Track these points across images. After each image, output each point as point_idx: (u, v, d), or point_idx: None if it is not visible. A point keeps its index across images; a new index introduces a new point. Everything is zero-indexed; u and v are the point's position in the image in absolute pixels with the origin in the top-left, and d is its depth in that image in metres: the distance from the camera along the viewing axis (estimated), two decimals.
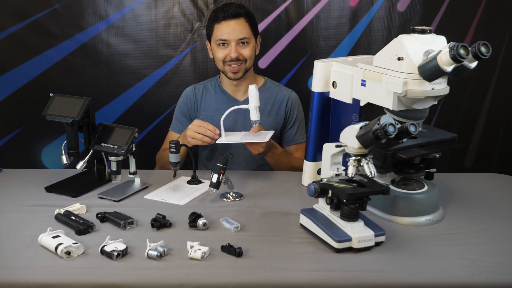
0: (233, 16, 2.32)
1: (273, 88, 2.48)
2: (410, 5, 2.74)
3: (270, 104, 2.44)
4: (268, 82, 2.50)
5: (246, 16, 2.35)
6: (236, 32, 2.31)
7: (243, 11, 2.36)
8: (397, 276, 1.46)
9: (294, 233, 1.68)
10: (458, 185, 2.07)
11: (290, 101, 2.45)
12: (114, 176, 2.01)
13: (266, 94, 2.45)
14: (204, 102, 2.46)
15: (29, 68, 2.77)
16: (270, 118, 2.43)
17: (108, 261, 1.50)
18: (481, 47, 1.53)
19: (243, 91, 2.44)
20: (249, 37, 2.35)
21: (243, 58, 2.34)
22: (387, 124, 1.49)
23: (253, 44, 2.37)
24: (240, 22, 2.33)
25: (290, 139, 2.45)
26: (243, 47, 2.34)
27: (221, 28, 2.33)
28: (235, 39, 2.31)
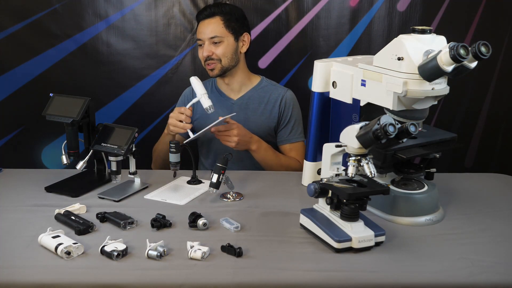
0: (208, 16, 2.36)
1: (268, 87, 2.48)
2: (410, 5, 2.74)
3: (263, 103, 2.43)
4: (264, 81, 2.50)
5: (223, 14, 2.36)
6: (208, 31, 2.34)
7: (220, 10, 2.37)
8: (397, 276, 1.46)
9: (294, 233, 1.68)
10: (458, 185, 2.07)
11: (284, 100, 2.44)
12: (114, 176, 2.01)
13: (261, 93, 2.45)
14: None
15: (29, 68, 2.77)
16: (263, 117, 2.42)
17: (108, 261, 1.50)
18: (481, 47, 1.53)
19: (237, 89, 2.46)
20: (222, 35, 2.34)
21: (216, 58, 2.35)
22: (387, 124, 1.49)
23: (228, 43, 2.35)
24: (214, 21, 2.35)
25: (284, 139, 2.44)
26: (216, 46, 2.35)
27: (199, 28, 2.39)
28: (207, 38, 2.34)
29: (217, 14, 2.36)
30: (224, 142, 2.22)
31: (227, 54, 2.36)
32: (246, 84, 2.47)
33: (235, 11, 2.41)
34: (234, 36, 2.38)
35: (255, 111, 2.43)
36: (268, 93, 2.45)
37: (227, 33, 2.36)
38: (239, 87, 2.46)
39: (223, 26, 2.35)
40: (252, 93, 2.45)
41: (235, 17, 2.39)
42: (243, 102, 2.44)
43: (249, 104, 2.44)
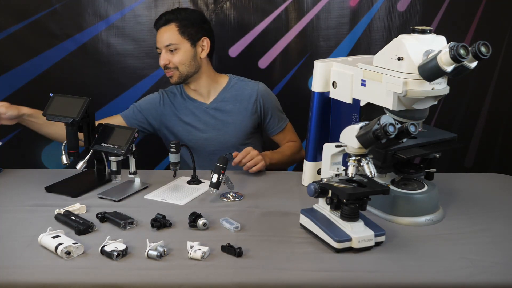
0: (163, 24, 2.33)
1: (238, 84, 2.45)
2: (410, 5, 2.74)
3: (238, 102, 2.42)
4: (232, 79, 2.47)
5: (178, 21, 2.33)
6: (163, 39, 2.33)
7: (175, 16, 2.33)
8: (397, 276, 1.46)
9: (294, 233, 1.68)
10: (458, 185, 2.07)
11: (259, 94, 2.42)
12: (114, 176, 2.01)
13: (233, 92, 2.43)
14: (173, 107, 2.43)
15: (29, 68, 2.77)
16: (241, 115, 2.41)
17: (108, 261, 1.50)
18: (481, 47, 1.53)
19: (206, 93, 2.43)
20: (177, 42, 2.31)
21: (173, 66, 2.33)
22: (387, 124, 1.49)
23: (185, 49, 2.33)
24: (169, 29, 2.32)
25: (275, 128, 2.47)
26: (172, 54, 2.33)
27: (156, 37, 2.37)
28: (163, 46, 2.33)
29: (172, 21, 2.33)
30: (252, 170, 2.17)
31: (184, 62, 2.33)
32: (214, 87, 2.44)
33: (191, 16, 2.37)
34: (190, 42, 2.34)
35: (231, 111, 2.41)
36: (240, 90, 2.43)
37: (183, 39, 2.32)
38: (208, 91, 2.43)
39: (178, 33, 2.32)
40: (224, 94, 2.43)
41: (191, 23, 2.35)
42: (217, 105, 2.42)
43: (224, 105, 2.42)
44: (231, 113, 2.41)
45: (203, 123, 2.41)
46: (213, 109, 2.42)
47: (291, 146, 2.49)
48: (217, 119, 2.41)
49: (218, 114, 2.41)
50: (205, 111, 2.42)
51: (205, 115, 2.42)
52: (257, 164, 2.16)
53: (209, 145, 2.41)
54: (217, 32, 2.77)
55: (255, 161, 2.16)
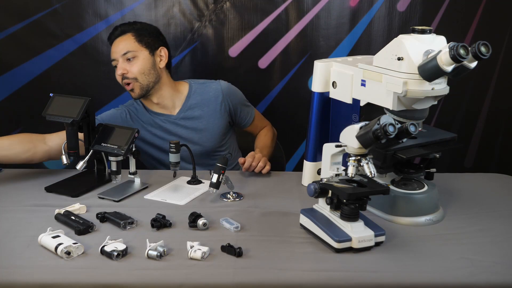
0: (119, 34, 2.28)
1: (200, 88, 2.39)
2: (410, 5, 2.74)
3: (206, 106, 2.36)
4: (193, 84, 2.40)
5: (134, 30, 2.28)
6: (119, 49, 2.25)
7: (131, 27, 2.29)
8: (397, 276, 1.46)
9: (294, 233, 1.68)
10: (458, 185, 2.07)
11: (224, 92, 2.38)
12: (114, 176, 2.01)
13: (196, 98, 2.37)
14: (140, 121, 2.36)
15: (29, 68, 2.77)
16: (213, 117, 2.37)
17: (108, 261, 1.50)
18: (481, 47, 1.53)
19: (171, 105, 2.36)
20: (135, 50, 2.24)
21: (132, 76, 2.24)
22: (387, 124, 1.49)
23: (143, 58, 2.25)
24: (125, 38, 2.26)
25: (246, 121, 2.47)
26: (130, 63, 2.25)
27: (111, 49, 2.29)
28: (120, 56, 2.25)
29: (128, 31, 2.28)
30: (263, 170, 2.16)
31: (144, 70, 2.25)
32: (178, 96, 2.37)
33: (148, 27, 2.33)
34: (149, 50, 2.28)
35: (202, 116, 2.36)
36: (204, 94, 2.37)
37: (141, 47, 2.26)
38: (172, 102, 2.36)
39: (135, 41, 2.26)
40: (189, 101, 2.36)
41: (148, 32, 2.31)
42: (185, 114, 2.35)
43: (192, 113, 2.35)
44: (201, 119, 2.36)
45: (175, 135, 2.34)
46: (182, 119, 2.35)
47: (267, 133, 2.51)
48: (188, 128, 2.35)
49: (188, 123, 2.35)
50: (174, 122, 2.35)
51: (175, 127, 2.35)
52: (266, 164, 2.16)
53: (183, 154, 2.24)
54: (217, 32, 2.78)
55: (264, 161, 2.16)
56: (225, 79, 2.68)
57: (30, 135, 2.12)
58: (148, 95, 2.32)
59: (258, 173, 2.16)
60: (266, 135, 2.52)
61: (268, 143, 2.48)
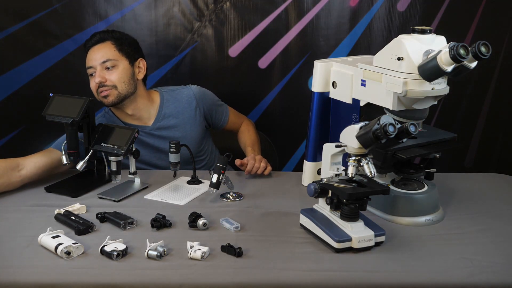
0: (97, 42, 2.20)
1: (172, 95, 2.33)
2: (410, 5, 2.74)
3: (181, 113, 2.31)
4: (164, 93, 2.34)
5: (114, 39, 2.21)
6: (98, 56, 2.17)
7: (110, 35, 2.22)
8: (397, 276, 1.46)
9: (294, 233, 1.68)
10: (458, 185, 2.07)
11: (197, 97, 2.34)
12: (114, 176, 2.01)
13: (169, 107, 2.31)
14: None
15: (29, 68, 2.77)
16: (190, 123, 2.32)
17: (108, 261, 1.50)
18: (481, 47, 1.53)
19: (146, 115, 2.28)
20: (115, 59, 2.17)
21: (111, 84, 2.16)
22: (387, 124, 1.49)
23: (123, 67, 2.19)
24: (105, 46, 2.19)
25: (223, 121, 2.45)
26: (109, 72, 2.17)
27: (88, 56, 2.22)
28: (98, 64, 2.17)
29: (107, 39, 2.21)
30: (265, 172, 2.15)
31: (124, 79, 2.18)
32: (152, 106, 2.30)
33: (127, 37, 2.27)
34: (128, 60, 2.21)
35: (178, 125, 2.31)
36: (176, 102, 2.32)
37: (121, 56, 2.19)
38: (147, 113, 2.29)
39: (115, 50, 2.19)
40: (162, 111, 2.30)
41: (127, 42, 2.25)
42: (161, 123, 2.29)
43: (168, 122, 2.30)
44: (177, 127, 2.31)
45: (152, 147, 2.29)
46: (158, 129, 2.29)
47: (249, 128, 2.49)
48: (165, 138, 2.26)
49: (164, 133, 2.29)
50: (150, 133, 2.28)
51: (151, 139, 2.28)
52: (267, 165, 2.16)
53: (165, 166, 2.24)
54: (217, 32, 2.78)
55: (265, 162, 2.16)
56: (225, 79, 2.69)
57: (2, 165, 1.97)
58: (122, 106, 2.24)
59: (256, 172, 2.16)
60: (249, 130, 2.48)
61: (254, 139, 2.45)
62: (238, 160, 2.14)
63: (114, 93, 2.18)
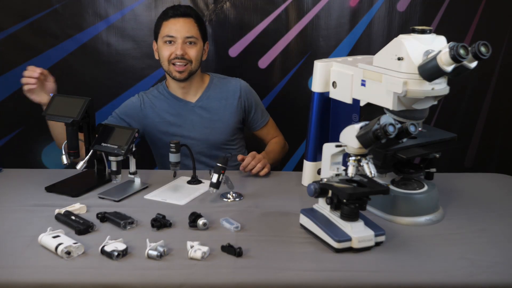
0: (182, 15, 2.33)
1: (220, 82, 2.48)
2: (410, 5, 2.74)
3: (224, 99, 2.45)
4: (214, 78, 2.50)
5: (196, 17, 2.36)
6: (184, 30, 2.31)
7: (193, 12, 2.38)
8: (397, 276, 1.46)
9: (294, 233, 1.68)
10: (458, 185, 2.07)
11: (243, 90, 2.47)
12: (114, 176, 2.01)
13: (217, 90, 2.46)
14: (155, 109, 2.43)
15: None
16: (227, 112, 2.44)
17: (108, 261, 1.50)
18: (481, 47, 1.53)
19: (193, 92, 2.44)
20: (197, 37, 2.33)
21: (188, 58, 2.32)
22: (387, 124, 1.49)
23: (200, 46, 2.36)
24: (189, 22, 2.33)
25: (259, 123, 2.51)
26: (190, 47, 2.32)
27: (169, 25, 2.33)
28: (182, 37, 2.30)
29: (191, 16, 2.35)
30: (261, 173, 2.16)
31: (198, 58, 2.35)
32: (201, 86, 2.46)
33: (202, 19, 2.42)
34: (203, 42, 2.39)
35: (218, 108, 2.44)
36: (223, 88, 2.47)
37: (199, 35, 2.35)
38: (196, 89, 2.44)
39: (197, 29, 2.34)
40: (208, 92, 2.45)
41: (203, 24, 2.41)
42: (203, 103, 2.43)
43: (210, 103, 2.44)
44: (217, 111, 2.43)
45: (190, 122, 2.42)
46: (199, 108, 2.43)
47: (278, 141, 2.54)
48: (203, 118, 2.42)
49: (204, 112, 2.42)
50: (192, 110, 2.43)
51: (191, 114, 2.42)
52: (264, 167, 2.16)
53: (196, 144, 2.40)
54: (217, 32, 2.78)
55: (263, 163, 2.16)
56: None
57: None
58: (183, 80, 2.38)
59: (255, 174, 2.16)
60: (277, 142, 2.54)
61: (276, 150, 2.49)
62: (240, 156, 2.17)
63: (188, 69, 2.34)
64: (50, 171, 2.57)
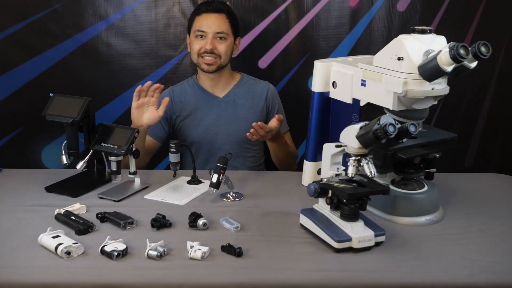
0: (214, 10, 2.38)
1: (250, 82, 2.53)
2: (410, 5, 2.74)
3: (250, 98, 2.49)
4: (244, 77, 2.55)
5: (228, 13, 2.41)
6: (215, 25, 2.36)
7: (225, 8, 2.42)
8: (397, 276, 1.46)
9: (294, 233, 1.68)
10: (458, 185, 2.07)
11: (270, 93, 2.51)
12: (114, 176, 2.01)
13: (245, 89, 2.50)
14: (184, 102, 2.48)
15: (29, 68, 2.76)
16: (252, 111, 2.48)
17: (108, 261, 1.50)
18: (481, 47, 1.53)
19: (222, 87, 2.48)
20: (227, 33, 2.38)
21: (218, 53, 2.36)
22: (387, 124, 1.49)
23: (230, 42, 2.40)
24: (221, 17, 2.38)
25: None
26: (219, 42, 2.37)
27: (201, 20, 2.38)
28: (212, 32, 2.35)
29: (223, 11, 2.40)
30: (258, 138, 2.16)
31: (228, 53, 2.40)
32: (230, 82, 2.51)
33: (235, 15, 2.46)
34: (234, 37, 2.44)
35: (243, 106, 2.47)
36: (251, 88, 2.51)
37: (230, 31, 2.40)
38: (224, 85, 2.49)
39: (228, 24, 2.39)
40: (236, 89, 2.50)
41: (236, 19, 2.46)
42: (230, 99, 2.48)
43: (236, 100, 2.48)
44: (242, 108, 2.47)
45: (215, 115, 2.45)
46: (226, 103, 2.47)
47: (293, 148, 2.53)
48: (228, 113, 2.46)
49: (230, 108, 2.46)
50: (218, 104, 2.47)
51: (217, 108, 2.46)
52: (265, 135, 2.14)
53: (218, 139, 2.44)
54: None
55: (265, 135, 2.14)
56: None
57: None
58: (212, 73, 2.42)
59: (257, 172, 2.15)
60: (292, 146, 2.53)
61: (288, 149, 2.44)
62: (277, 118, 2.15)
63: (217, 62, 2.38)
64: (50, 171, 2.56)
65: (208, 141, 2.44)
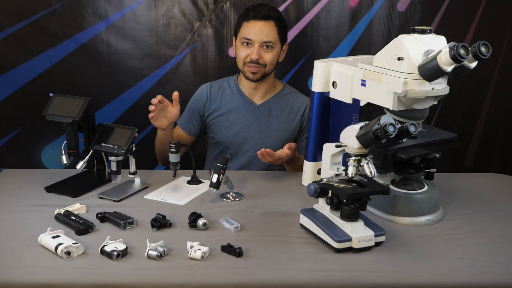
0: (263, 18, 2.27)
1: (290, 94, 2.44)
2: (410, 5, 2.74)
3: (286, 111, 2.41)
4: (286, 88, 2.46)
5: (276, 20, 2.30)
6: (262, 34, 2.26)
7: (274, 14, 2.30)
8: (397, 276, 1.46)
9: (294, 233, 1.68)
10: (458, 185, 2.07)
11: (305, 110, 2.41)
12: (114, 176, 2.01)
13: (283, 101, 2.42)
14: (219, 101, 2.42)
15: (29, 68, 2.77)
16: (285, 125, 2.40)
17: (108, 261, 1.50)
18: (481, 47, 1.53)
19: (261, 94, 2.41)
20: (275, 42, 2.29)
21: (263, 63, 2.29)
22: (387, 124, 1.49)
23: (277, 50, 2.31)
24: (269, 25, 2.28)
25: (302, 149, 2.37)
26: (266, 51, 2.28)
27: (248, 27, 2.29)
28: (259, 41, 2.26)
29: (271, 19, 2.29)
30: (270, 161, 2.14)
31: (273, 62, 2.32)
32: (270, 91, 2.42)
33: (284, 20, 2.36)
34: (281, 45, 2.35)
35: (277, 118, 2.40)
36: (290, 100, 2.42)
37: (278, 40, 2.31)
38: (264, 93, 2.41)
39: (276, 33, 2.29)
40: (275, 99, 2.42)
41: (284, 26, 2.35)
42: (266, 108, 2.40)
43: (271, 111, 2.40)
44: (276, 119, 2.40)
45: (247, 121, 2.39)
46: (260, 111, 2.40)
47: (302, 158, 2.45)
48: (261, 122, 2.39)
49: (263, 117, 2.39)
50: (253, 111, 2.40)
51: (251, 115, 2.39)
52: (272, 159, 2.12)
53: (245, 144, 2.39)
54: (217, 32, 2.78)
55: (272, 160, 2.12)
56: None
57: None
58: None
59: (257, 172, 2.15)
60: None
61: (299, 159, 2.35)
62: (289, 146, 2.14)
63: (261, 71, 2.31)
64: (50, 171, 2.56)
65: (235, 145, 2.39)
